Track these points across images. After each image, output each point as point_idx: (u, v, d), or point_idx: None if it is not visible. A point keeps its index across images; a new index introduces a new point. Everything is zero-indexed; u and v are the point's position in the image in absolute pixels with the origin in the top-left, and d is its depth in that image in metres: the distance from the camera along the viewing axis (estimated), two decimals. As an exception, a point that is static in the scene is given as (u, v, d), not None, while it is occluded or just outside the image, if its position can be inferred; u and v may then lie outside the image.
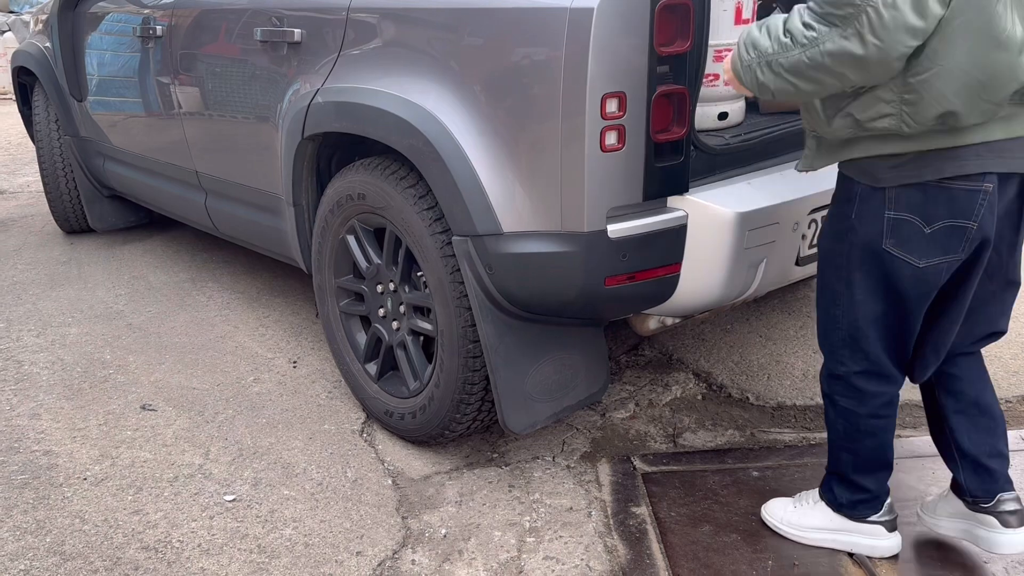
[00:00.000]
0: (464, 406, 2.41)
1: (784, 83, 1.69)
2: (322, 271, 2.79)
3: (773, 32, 1.71)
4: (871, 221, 1.79)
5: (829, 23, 1.59)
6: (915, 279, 1.79)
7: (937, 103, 1.61)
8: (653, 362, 3.16)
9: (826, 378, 2.04)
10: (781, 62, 1.67)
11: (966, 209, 1.71)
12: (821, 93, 1.71)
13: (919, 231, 1.74)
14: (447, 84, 2.19)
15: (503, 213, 2.13)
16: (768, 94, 1.75)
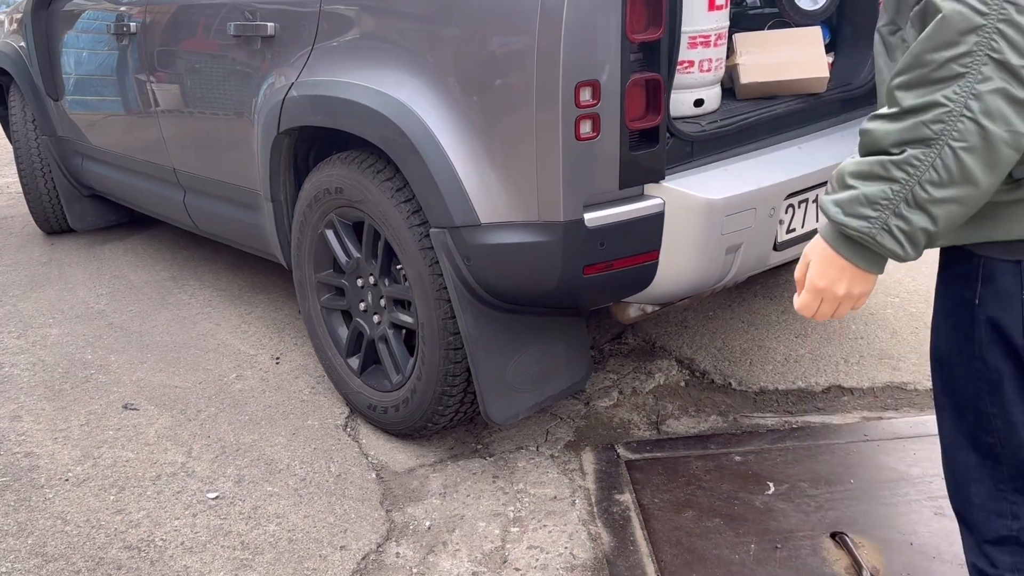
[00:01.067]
0: (446, 398, 2.41)
1: (947, 204, 1.09)
2: (302, 266, 2.78)
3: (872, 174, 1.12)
4: (1002, 304, 1.21)
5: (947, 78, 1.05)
6: None
7: None
8: (636, 350, 3.16)
9: (979, 549, 1.36)
10: (925, 183, 1.08)
11: None
12: (1000, 179, 1.10)
13: None
14: (422, 76, 2.18)
15: (480, 204, 2.13)
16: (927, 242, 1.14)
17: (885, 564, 2.06)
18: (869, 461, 2.48)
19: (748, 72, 2.56)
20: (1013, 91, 1.02)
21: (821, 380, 2.90)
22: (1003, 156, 1.05)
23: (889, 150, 1.10)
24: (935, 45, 1.05)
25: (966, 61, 1.03)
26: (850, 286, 1.21)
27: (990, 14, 1.01)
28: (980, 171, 1.06)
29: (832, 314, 1.25)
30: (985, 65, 1.03)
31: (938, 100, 1.05)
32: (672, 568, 2.08)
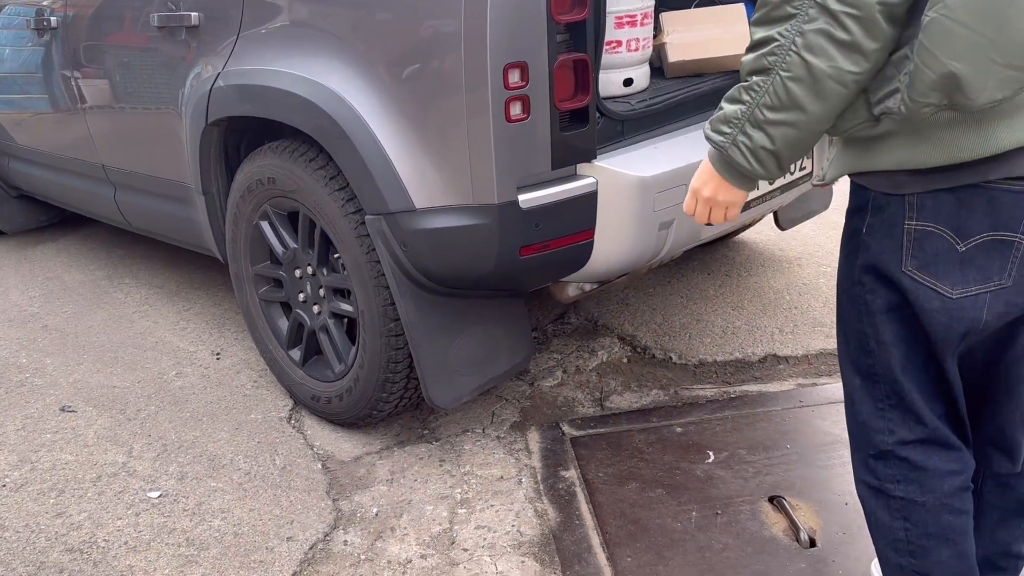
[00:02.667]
0: (390, 385, 2.41)
1: (780, 126, 1.24)
2: (238, 259, 2.75)
3: (732, 97, 1.30)
4: (887, 235, 1.32)
5: (782, 17, 1.21)
6: (949, 315, 1.29)
7: (934, 63, 1.14)
8: (579, 329, 3.20)
9: (864, 464, 1.47)
10: (762, 106, 1.25)
11: (1012, 218, 1.23)
12: (832, 108, 1.23)
13: (949, 248, 1.26)
14: (351, 62, 2.17)
15: (414, 189, 2.13)
16: (773, 161, 1.29)
17: (822, 525, 2.13)
18: (805, 426, 2.55)
19: (675, 51, 2.60)
20: (834, 31, 1.17)
21: (757, 350, 2.97)
22: (828, 88, 1.20)
23: (745, 77, 1.28)
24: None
25: (796, 3, 1.19)
26: (715, 191, 1.41)
27: None
28: (807, 99, 1.21)
29: (708, 217, 1.45)
30: (811, 8, 1.18)
31: (773, 36, 1.22)
32: (616, 539, 2.12)
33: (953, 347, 1.35)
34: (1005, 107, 1.18)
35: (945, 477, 1.40)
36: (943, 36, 1.13)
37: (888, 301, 1.36)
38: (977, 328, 1.31)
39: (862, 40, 1.17)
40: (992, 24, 1.11)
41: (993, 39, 1.11)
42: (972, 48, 1.12)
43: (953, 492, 1.40)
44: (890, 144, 1.26)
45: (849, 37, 1.17)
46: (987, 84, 1.14)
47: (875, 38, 1.17)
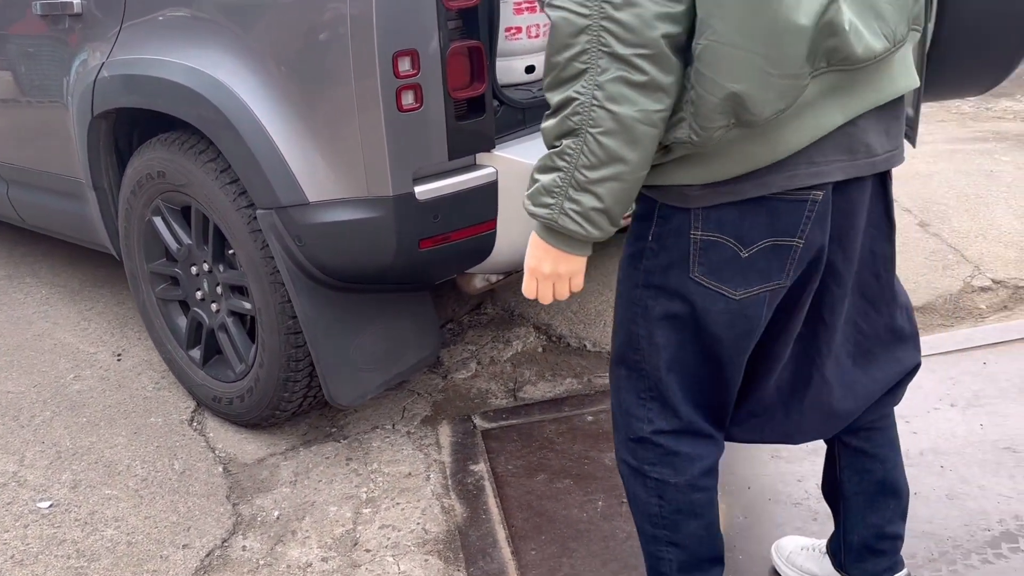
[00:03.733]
0: (292, 384, 2.34)
1: (604, 183, 1.19)
2: (132, 257, 2.64)
3: (545, 166, 1.23)
4: (674, 244, 1.34)
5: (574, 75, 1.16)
6: (731, 314, 1.35)
7: (714, 88, 1.15)
8: (495, 320, 3.16)
9: (625, 445, 1.54)
10: (581, 167, 1.18)
11: (790, 224, 1.30)
12: (649, 150, 1.20)
13: (734, 255, 1.31)
14: (236, 50, 2.08)
15: (307, 182, 2.06)
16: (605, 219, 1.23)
17: (725, 509, 2.13)
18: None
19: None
20: (630, 76, 1.14)
21: (671, 337, 2.97)
22: (640, 132, 1.17)
23: (553, 144, 1.21)
24: (556, 49, 1.17)
25: (584, 58, 1.14)
26: (555, 266, 1.31)
27: (591, 14, 1.13)
28: (624, 149, 1.17)
29: (552, 295, 1.36)
30: (601, 59, 1.14)
31: (571, 96, 1.16)
32: (522, 532, 2.10)
33: (745, 345, 1.41)
34: (788, 112, 1.20)
35: (695, 461, 1.50)
36: (718, 60, 1.14)
37: (667, 307, 1.39)
38: (759, 324, 1.38)
39: (659, 77, 1.15)
40: (762, 41, 1.13)
41: (766, 54, 1.14)
42: (748, 67, 1.14)
43: (701, 473, 1.51)
44: (682, 162, 1.27)
45: (646, 77, 1.15)
46: (768, 97, 1.17)
47: (669, 71, 1.16)
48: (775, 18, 1.12)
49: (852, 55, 1.19)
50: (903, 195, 4.08)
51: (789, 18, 1.12)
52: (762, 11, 1.12)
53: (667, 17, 1.13)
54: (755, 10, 1.12)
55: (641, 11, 1.12)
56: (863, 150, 1.30)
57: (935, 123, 5.42)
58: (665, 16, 1.13)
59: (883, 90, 1.29)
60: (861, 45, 1.20)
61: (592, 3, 1.13)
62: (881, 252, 1.47)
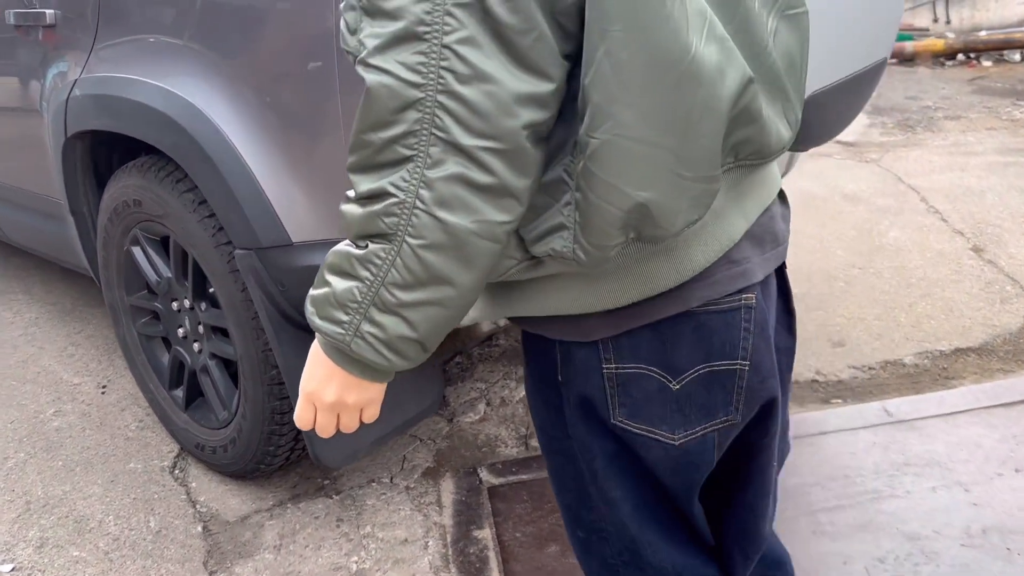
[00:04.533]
0: (276, 438, 2.11)
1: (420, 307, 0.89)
2: (112, 288, 2.43)
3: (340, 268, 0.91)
4: (585, 379, 1.04)
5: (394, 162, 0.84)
6: (674, 461, 1.05)
7: (617, 197, 0.86)
8: (507, 352, 2.92)
9: None
10: (390, 285, 0.88)
11: (727, 343, 1.00)
12: (486, 270, 0.89)
13: (662, 387, 1.01)
14: (213, 72, 1.85)
15: (290, 222, 1.82)
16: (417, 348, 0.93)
17: (761, 598, 1.87)
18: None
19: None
20: (472, 175, 0.82)
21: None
22: (478, 249, 0.86)
23: (356, 241, 0.89)
24: (370, 125, 0.83)
25: (411, 142, 0.82)
26: (341, 393, 0.98)
27: (426, 85, 0.80)
28: (452, 270, 0.86)
29: (335, 427, 1.02)
30: (433, 147, 0.81)
31: (387, 189, 0.84)
32: (528, 623, 1.86)
33: (692, 491, 1.10)
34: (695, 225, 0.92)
35: None
36: (623, 161, 0.84)
37: (606, 452, 1.07)
38: (710, 470, 1.08)
39: (510, 179, 0.83)
40: (676, 132, 0.85)
41: (677, 151, 0.85)
42: (657, 168, 0.85)
43: None
44: (563, 284, 0.96)
45: (493, 180, 0.82)
46: (681, 207, 0.89)
47: (526, 172, 0.84)
48: (693, 102, 0.84)
49: (765, 146, 0.95)
50: (953, 214, 3.78)
51: (708, 103, 0.85)
52: (680, 93, 0.84)
53: (532, 100, 0.82)
54: (670, 92, 0.83)
55: (496, 90, 0.81)
56: (770, 240, 1.05)
57: (984, 131, 5.08)
58: (529, 99, 0.82)
59: (773, 186, 1.07)
60: (774, 133, 0.96)
61: (429, 70, 0.80)
62: (785, 347, 1.17)
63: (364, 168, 0.85)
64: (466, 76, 0.80)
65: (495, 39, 0.80)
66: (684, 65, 0.83)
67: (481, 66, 0.79)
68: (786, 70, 0.97)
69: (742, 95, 0.88)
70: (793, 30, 0.98)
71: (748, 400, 1.03)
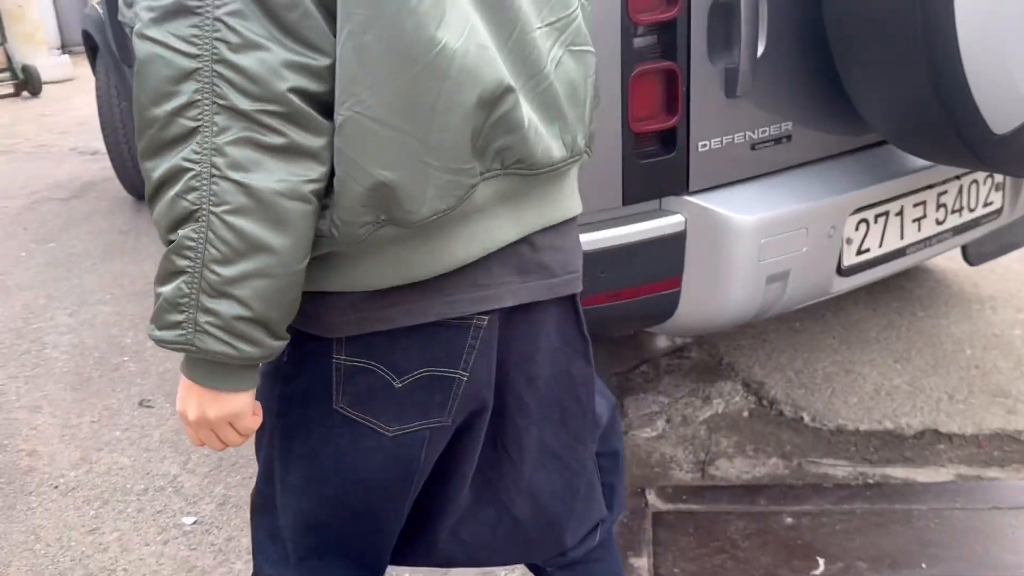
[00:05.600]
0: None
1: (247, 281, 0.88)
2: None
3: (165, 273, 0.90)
4: (313, 368, 1.06)
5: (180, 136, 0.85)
6: (384, 454, 1.08)
7: (358, 173, 0.89)
8: (698, 367, 2.74)
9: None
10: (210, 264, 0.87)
11: (451, 354, 1.04)
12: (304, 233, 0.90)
13: (386, 384, 1.05)
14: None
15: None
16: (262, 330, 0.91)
17: None
18: (956, 539, 1.99)
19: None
20: (260, 137, 0.85)
21: (915, 421, 2.39)
22: (286, 210, 0.87)
23: (167, 238, 0.89)
24: (150, 97, 0.85)
25: (194, 113, 0.84)
26: (202, 409, 0.98)
27: (202, 55, 0.84)
28: (266, 234, 0.87)
29: (219, 441, 1.03)
30: (217, 115, 0.84)
31: (181, 165, 0.85)
32: (666, 674, 1.71)
33: (396, 492, 1.13)
34: (454, 216, 0.96)
35: None
36: (365, 140, 0.88)
37: (306, 446, 1.10)
38: (417, 469, 1.11)
39: (300, 139, 0.86)
40: (421, 121, 0.89)
41: (424, 139, 0.90)
42: (400, 151, 0.89)
43: None
44: (335, 262, 0.98)
45: (283, 140, 0.86)
46: (426, 193, 0.92)
47: (317, 132, 0.88)
48: (438, 94, 0.88)
49: (530, 157, 0.99)
50: None
51: (452, 96, 0.89)
52: (423, 83, 0.88)
53: (301, 68, 0.86)
54: (414, 80, 0.87)
55: (266, 56, 0.84)
56: (538, 271, 1.07)
57: None
58: (298, 66, 0.86)
59: (559, 207, 1.08)
60: (540, 147, 1.00)
61: (203, 40, 0.83)
62: (579, 373, 1.19)
63: (154, 150, 0.87)
64: (237, 45, 0.84)
65: (263, 12, 0.84)
66: (429, 58, 0.87)
67: (250, 35, 0.84)
68: (567, 97, 1.02)
69: (499, 102, 0.92)
70: (578, 64, 1.04)
71: (461, 406, 1.08)
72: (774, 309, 1.89)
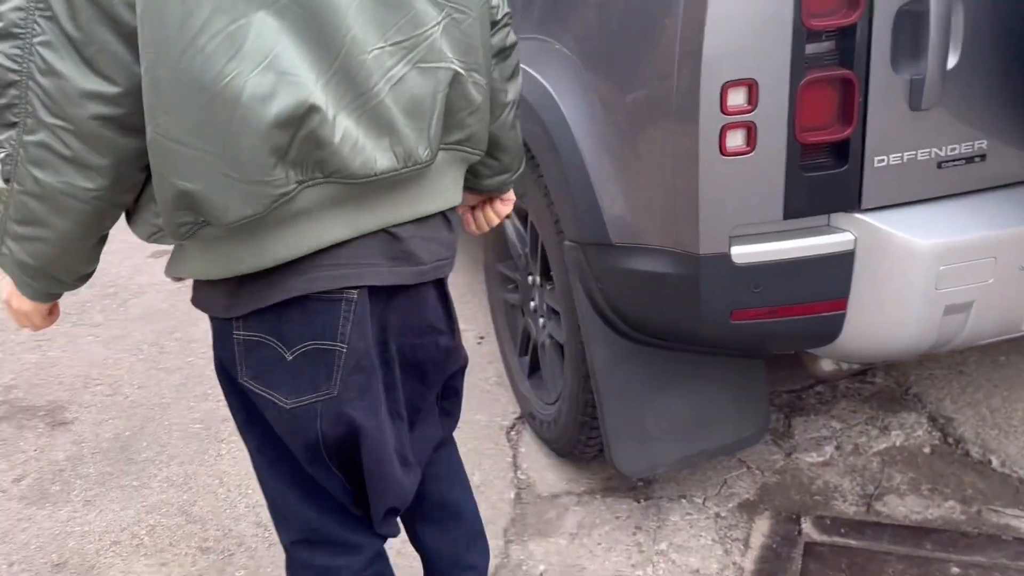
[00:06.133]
0: (588, 429, 2.11)
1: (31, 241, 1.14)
2: (487, 252, 2.61)
3: None
4: (222, 342, 1.26)
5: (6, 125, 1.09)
6: (288, 425, 1.24)
7: (163, 184, 1.07)
8: (881, 394, 2.55)
9: None
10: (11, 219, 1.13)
11: (328, 326, 1.18)
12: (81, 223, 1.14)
13: (279, 357, 1.20)
14: (570, 73, 1.85)
15: (613, 222, 1.78)
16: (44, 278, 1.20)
17: None
18: None
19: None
20: (54, 145, 1.06)
21: None
22: (65, 204, 1.09)
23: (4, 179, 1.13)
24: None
25: (15, 111, 1.06)
26: (9, 296, 1.25)
27: (22, 71, 1.04)
28: (46, 216, 1.11)
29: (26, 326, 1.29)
30: (29, 118, 1.06)
31: (3, 144, 1.09)
32: None
33: (312, 455, 1.27)
34: (274, 218, 1.10)
35: (337, 572, 1.39)
36: (166, 156, 1.05)
37: (244, 406, 1.30)
38: (316, 439, 1.25)
39: (86, 156, 1.07)
40: (216, 141, 1.03)
41: (221, 155, 1.04)
42: (200, 166, 1.05)
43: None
44: (186, 254, 1.20)
45: (70, 152, 1.06)
46: (231, 201, 1.06)
47: (102, 153, 1.07)
48: (230, 118, 1.02)
49: (346, 169, 1.09)
50: None
51: (246, 119, 1.02)
52: (214, 109, 1.02)
53: (97, 97, 1.04)
54: (204, 107, 1.02)
55: (64, 85, 1.03)
56: (405, 258, 1.21)
57: None
58: (93, 95, 1.03)
59: (416, 206, 1.20)
60: (359, 160, 1.10)
61: (23, 59, 1.04)
62: (445, 345, 1.38)
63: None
64: (44, 70, 1.02)
65: (69, 45, 1.02)
66: (216, 89, 1.00)
67: (55, 64, 1.02)
68: (406, 112, 1.12)
69: (303, 120, 1.04)
70: (426, 79, 1.13)
71: (344, 376, 1.21)
72: (955, 342, 1.73)
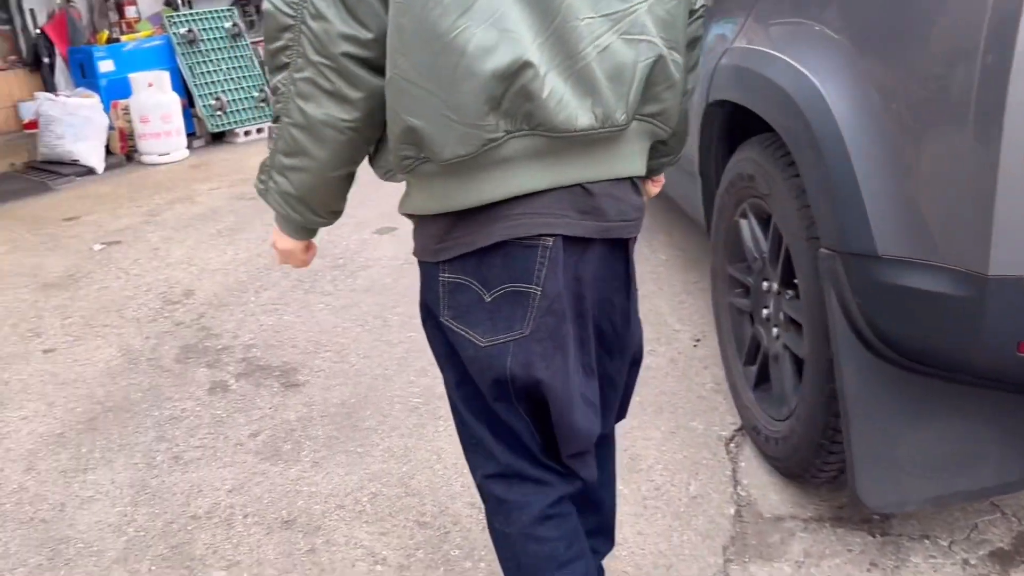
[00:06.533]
0: (826, 454, 1.96)
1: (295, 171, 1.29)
2: (717, 252, 2.49)
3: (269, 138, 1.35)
4: (429, 285, 1.37)
5: (279, 67, 1.23)
6: (479, 362, 1.33)
7: (395, 118, 1.20)
8: None
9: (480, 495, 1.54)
10: (280, 152, 1.29)
11: (525, 270, 1.27)
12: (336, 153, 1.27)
13: (479, 299, 1.30)
14: (845, 65, 1.70)
15: (882, 231, 1.62)
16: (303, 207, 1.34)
17: None
18: None
19: None
20: (319, 80, 1.21)
21: None
22: (325, 134, 1.24)
23: (274, 122, 1.29)
24: (267, 38, 1.23)
25: (288, 54, 1.21)
26: (275, 239, 1.43)
27: (296, 16, 1.18)
28: (310, 145, 1.26)
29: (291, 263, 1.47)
30: (299, 58, 1.21)
31: (277, 84, 1.25)
32: None
33: (499, 393, 1.35)
34: (482, 161, 1.20)
35: (524, 508, 1.43)
36: (400, 94, 1.18)
37: (445, 345, 1.39)
38: (505, 376, 1.32)
39: (344, 89, 1.21)
40: (442, 84, 1.14)
41: (445, 99, 1.15)
42: (426, 106, 1.16)
43: (533, 521, 1.43)
44: (410, 190, 1.32)
45: (332, 86, 1.20)
46: (448, 140, 1.17)
47: (356, 87, 1.21)
48: (456, 65, 1.13)
49: (549, 122, 1.18)
50: None
51: (470, 68, 1.13)
52: (444, 56, 1.13)
53: (352, 39, 1.18)
54: (436, 54, 1.13)
55: (328, 27, 1.17)
56: (593, 213, 1.27)
57: None
58: (350, 37, 1.18)
59: (610, 166, 1.27)
60: (563, 115, 1.18)
61: (297, 6, 1.18)
62: (620, 304, 1.41)
63: (271, 70, 1.24)
64: (315, 15, 1.17)
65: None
66: (448, 38, 1.11)
67: (324, 11, 1.16)
68: (609, 76, 1.19)
69: (517, 75, 1.13)
70: (630, 49, 1.20)
71: (537, 317, 1.28)
72: None
